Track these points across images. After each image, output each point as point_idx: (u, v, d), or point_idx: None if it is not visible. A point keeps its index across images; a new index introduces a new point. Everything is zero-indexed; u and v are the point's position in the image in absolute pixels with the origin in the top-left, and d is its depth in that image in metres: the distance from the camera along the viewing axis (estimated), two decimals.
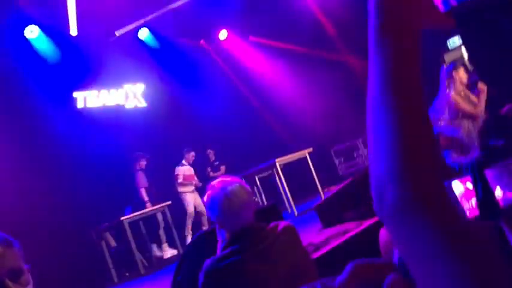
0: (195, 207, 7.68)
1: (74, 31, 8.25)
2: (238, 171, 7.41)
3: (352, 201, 3.94)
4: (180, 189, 7.77)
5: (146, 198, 7.43)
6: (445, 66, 4.44)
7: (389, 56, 0.49)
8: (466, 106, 4.13)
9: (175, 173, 7.82)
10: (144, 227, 7.43)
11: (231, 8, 9.34)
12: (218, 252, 2.02)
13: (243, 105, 10.59)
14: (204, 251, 2.42)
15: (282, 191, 6.84)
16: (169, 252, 7.29)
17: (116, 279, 6.72)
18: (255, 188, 7.40)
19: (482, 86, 4.27)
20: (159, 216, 7.42)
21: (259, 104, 10.72)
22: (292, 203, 6.63)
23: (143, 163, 7.63)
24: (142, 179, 7.55)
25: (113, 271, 6.80)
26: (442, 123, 4.33)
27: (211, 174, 8.29)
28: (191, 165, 8.04)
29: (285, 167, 7.11)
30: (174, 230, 7.32)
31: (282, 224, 2.02)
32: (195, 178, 7.95)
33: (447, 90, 4.25)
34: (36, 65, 8.03)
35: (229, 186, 1.92)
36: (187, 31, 9.86)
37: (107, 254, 6.90)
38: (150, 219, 7.41)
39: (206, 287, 1.89)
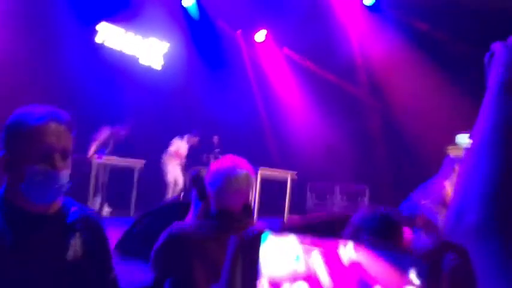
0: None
1: None
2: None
3: (315, 235, 3.99)
4: (165, 158, 7.79)
5: (92, 151, 7.04)
6: (451, 157, 4.57)
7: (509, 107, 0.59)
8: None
9: (171, 142, 7.84)
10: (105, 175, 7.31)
11: (280, 13, 9.45)
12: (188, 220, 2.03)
13: (250, 107, 10.64)
14: (172, 217, 2.43)
15: (251, 199, 6.88)
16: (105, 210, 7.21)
17: None
18: None
19: None
20: (101, 171, 7.16)
21: (266, 112, 10.77)
22: (255, 213, 6.67)
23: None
24: (104, 133, 7.13)
25: None
26: (425, 204, 4.45)
27: (212, 160, 8.33)
28: (188, 148, 8.11)
29: (263, 179, 7.17)
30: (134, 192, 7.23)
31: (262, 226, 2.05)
32: (183, 158, 8.01)
33: (445, 181, 4.36)
34: None
35: (237, 169, 1.92)
36: (231, 15, 9.94)
37: None
38: (116, 170, 7.35)
39: (165, 247, 1.83)
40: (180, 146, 7.97)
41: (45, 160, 1.27)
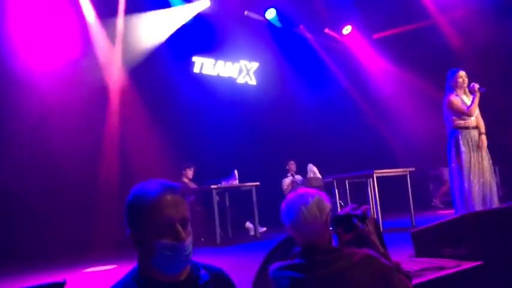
0: None
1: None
2: (330, 173, 7.39)
3: (454, 238, 3.71)
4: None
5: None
6: None
7: None
8: None
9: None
10: (228, 200, 7.62)
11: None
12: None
13: (350, 105, 10.39)
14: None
15: (372, 202, 6.65)
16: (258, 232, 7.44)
17: None
18: (342, 191, 7.40)
19: None
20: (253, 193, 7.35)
21: (367, 107, 10.41)
22: (380, 217, 6.43)
23: (190, 172, 7.71)
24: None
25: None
26: None
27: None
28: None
29: (380, 180, 6.87)
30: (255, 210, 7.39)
31: (361, 252, 1.79)
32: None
33: None
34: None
35: (310, 197, 1.85)
36: (314, 19, 9.89)
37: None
38: (236, 193, 7.61)
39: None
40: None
41: (169, 232, 1.30)
